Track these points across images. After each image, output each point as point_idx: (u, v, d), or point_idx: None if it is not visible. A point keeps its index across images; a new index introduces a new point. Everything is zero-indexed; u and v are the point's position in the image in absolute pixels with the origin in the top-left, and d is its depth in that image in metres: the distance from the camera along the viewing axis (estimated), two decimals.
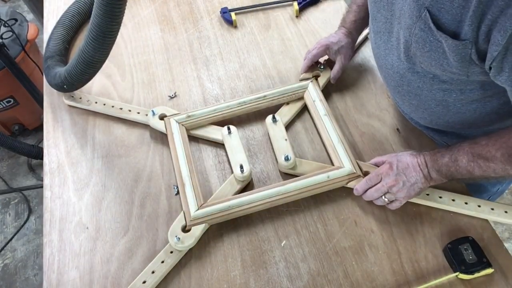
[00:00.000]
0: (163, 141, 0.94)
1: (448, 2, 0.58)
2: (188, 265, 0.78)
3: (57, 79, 0.97)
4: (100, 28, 0.79)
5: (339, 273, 0.75)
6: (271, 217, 0.82)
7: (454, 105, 0.76)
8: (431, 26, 0.62)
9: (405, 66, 0.74)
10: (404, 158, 0.76)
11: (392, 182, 0.75)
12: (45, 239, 0.83)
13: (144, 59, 1.11)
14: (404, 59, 0.73)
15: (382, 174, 0.76)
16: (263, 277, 0.76)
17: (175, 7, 1.24)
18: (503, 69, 0.57)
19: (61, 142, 0.96)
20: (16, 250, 1.75)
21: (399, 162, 0.75)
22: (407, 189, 0.75)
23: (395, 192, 0.75)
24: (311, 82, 0.98)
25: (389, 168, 0.76)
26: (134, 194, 0.87)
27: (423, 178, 0.74)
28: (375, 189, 0.77)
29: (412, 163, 0.75)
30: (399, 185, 0.75)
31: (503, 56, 0.56)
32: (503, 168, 0.67)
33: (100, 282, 0.77)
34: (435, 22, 0.61)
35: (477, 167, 0.69)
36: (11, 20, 1.73)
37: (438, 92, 0.75)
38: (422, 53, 0.67)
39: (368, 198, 0.79)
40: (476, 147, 0.69)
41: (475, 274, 0.71)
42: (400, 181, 0.74)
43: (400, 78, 0.79)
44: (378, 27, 0.77)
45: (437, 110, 0.80)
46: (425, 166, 0.74)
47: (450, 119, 0.80)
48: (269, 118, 0.93)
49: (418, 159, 0.75)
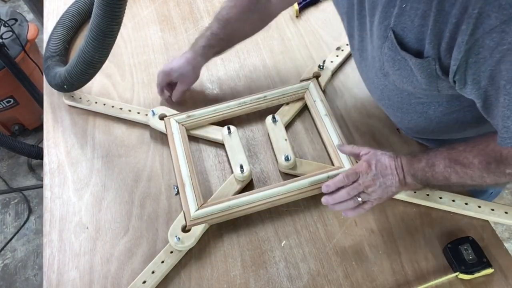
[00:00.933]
0: (163, 141, 0.94)
1: (409, 22, 0.58)
2: (188, 265, 0.78)
3: (57, 79, 0.97)
4: (100, 28, 0.79)
5: (339, 273, 0.75)
6: (271, 217, 0.82)
7: (435, 116, 0.75)
8: (396, 46, 0.62)
9: (383, 83, 0.74)
10: (383, 159, 0.73)
11: (369, 182, 0.71)
12: (45, 239, 0.83)
13: (144, 59, 1.11)
14: (380, 76, 0.73)
15: (361, 172, 0.72)
16: (263, 277, 0.76)
17: (175, 7, 1.24)
18: (466, 82, 0.58)
19: (61, 142, 0.96)
20: (16, 250, 1.75)
21: (378, 162, 0.72)
22: (382, 191, 0.72)
23: (370, 192, 0.72)
24: (312, 82, 0.98)
25: (367, 167, 0.72)
26: (134, 194, 0.87)
27: (398, 182, 0.72)
28: (352, 187, 0.73)
29: (390, 165, 0.72)
30: (375, 186, 0.71)
31: (464, 70, 0.56)
32: (480, 175, 0.66)
33: (100, 282, 0.77)
34: (400, 42, 0.62)
35: (454, 173, 0.68)
36: (11, 20, 1.73)
37: (418, 105, 0.75)
38: (393, 71, 0.68)
39: (340, 198, 0.73)
40: (454, 153, 0.68)
41: (475, 274, 0.71)
42: (377, 182, 0.71)
43: (381, 93, 0.79)
44: (355, 44, 0.76)
45: (420, 121, 0.80)
46: (401, 170, 0.72)
47: (434, 128, 0.81)
48: (269, 118, 0.93)
49: (396, 161, 0.72)
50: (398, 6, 0.58)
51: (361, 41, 0.72)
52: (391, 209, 0.81)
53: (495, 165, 0.64)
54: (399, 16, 0.59)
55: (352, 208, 0.74)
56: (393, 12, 0.60)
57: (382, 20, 0.63)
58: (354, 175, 0.73)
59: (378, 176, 0.72)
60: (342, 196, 0.73)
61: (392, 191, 0.73)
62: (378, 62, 0.70)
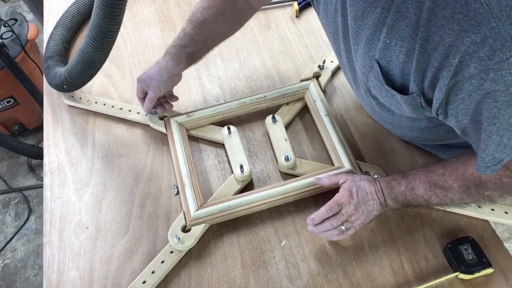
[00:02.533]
0: (163, 141, 0.94)
1: (394, 56, 0.59)
2: (188, 265, 0.78)
3: (57, 79, 0.97)
4: (100, 28, 0.79)
5: (339, 273, 0.75)
6: (271, 217, 0.82)
7: (427, 128, 0.76)
8: (381, 79, 0.63)
9: (372, 102, 0.74)
10: (363, 185, 0.73)
11: (352, 211, 0.72)
12: (45, 239, 0.83)
13: (144, 59, 1.11)
14: (369, 96, 0.73)
15: (344, 203, 0.72)
16: (263, 277, 0.76)
17: (175, 7, 1.24)
18: (448, 115, 0.60)
19: (61, 142, 0.96)
20: (16, 250, 1.75)
21: (359, 189, 0.73)
22: (364, 216, 0.73)
23: (353, 220, 0.73)
24: (312, 82, 0.98)
25: (349, 197, 0.72)
26: (134, 194, 0.87)
27: (379, 206, 0.73)
28: (335, 218, 0.73)
29: (370, 191, 0.73)
30: (358, 213, 0.72)
31: (445, 105, 0.58)
32: (460, 197, 0.68)
33: (100, 282, 0.77)
34: (385, 74, 0.62)
35: (434, 196, 0.69)
36: (11, 20, 1.73)
37: (407, 121, 0.75)
38: (380, 97, 0.69)
39: (324, 228, 0.74)
40: (433, 176, 0.69)
41: (475, 274, 0.71)
42: (359, 210, 0.72)
43: (371, 109, 0.80)
44: (343, 63, 0.76)
45: (412, 133, 0.81)
46: (381, 194, 0.73)
47: (428, 137, 0.81)
48: (269, 118, 0.93)
49: (375, 186, 0.73)
50: (383, 41, 0.59)
51: (349, 61, 0.72)
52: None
53: (475, 189, 0.66)
54: (383, 50, 0.60)
55: (336, 235, 0.75)
56: (377, 45, 0.60)
57: (367, 51, 0.63)
58: (337, 207, 0.73)
59: (360, 204, 0.72)
60: (326, 227, 0.74)
61: (374, 215, 0.74)
62: (366, 86, 0.70)
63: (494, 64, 0.49)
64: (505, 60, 0.49)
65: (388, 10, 0.56)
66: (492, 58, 0.49)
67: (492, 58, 0.49)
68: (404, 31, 0.55)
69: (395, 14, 0.55)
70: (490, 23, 0.48)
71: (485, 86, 0.51)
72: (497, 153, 0.58)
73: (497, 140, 0.56)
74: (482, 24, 0.48)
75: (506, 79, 0.50)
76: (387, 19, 0.57)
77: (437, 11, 0.51)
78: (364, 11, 0.59)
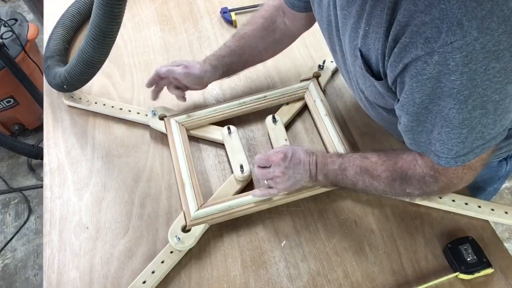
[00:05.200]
0: (163, 141, 0.94)
1: (371, 44, 0.60)
2: (188, 265, 0.78)
3: (57, 79, 0.97)
4: (100, 28, 0.79)
5: (339, 273, 0.75)
6: (271, 217, 0.82)
7: None
8: (362, 66, 0.64)
9: (362, 97, 0.75)
10: (299, 153, 0.75)
11: (279, 173, 0.74)
12: (45, 239, 0.83)
13: (144, 59, 1.11)
14: (359, 91, 0.74)
15: (273, 162, 0.75)
16: (263, 277, 0.76)
17: (175, 7, 1.24)
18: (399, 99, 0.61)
19: (61, 142, 0.96)
20: (16, 250, 1.75)
21: (293, 156, 0.74)
22: (290, 183, 0.75)
23: (278, 182, 0.75)
24: (312, 82, 0.98)
25: (282, 159, 0.74)
26: (134, 194, 0.87)
27: (309, 177, 0.75)
28: (261, 173, 0.76)
29: (304, 161, 0.74)
30: (285, 177, 0.74)
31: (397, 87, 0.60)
32: (383, 189, 0.70)
33: (100, 282, 0.77)
34: (367, 62, 0.63)
35: (361, 181, 0.71)
36: (11, 20, 1.73)
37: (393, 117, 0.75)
38: (365, 88, 0.69)
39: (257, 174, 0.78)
40: (366, 162, 0.71)
41: (475, 274, 0.71)
42: (286, 175, 0.74)
43: (365, 107, 0.80)
44: (338, 59, 0.77)
45: None
46: (314, 166, 0.74)
47: None
48: (269, 118, 0.93)
49: (310, 158, 0.75)
50: (363, 29, 0.60)
51: (343, 56, 0.73)
52: (391, 209, 0.81)
53: (399, 182, 0.68)
54: (364, 37, 0.61)
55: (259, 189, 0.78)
56: (359, 34, 0.62)
57: (352, 40, 0.64)
58: (266, 162, 0.75)
59: (289, 169, 0.74)
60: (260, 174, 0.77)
61: (301, 185, 0.76)
62: (355, 78, 0.71)
63: (439, 47, 0.50)
64: (449, 43, 0.49)
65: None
66: (437, 40, 0.49)
67: (438, 41, 0.49)
68: (379, 16, 0.56)
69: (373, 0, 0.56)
70: (440, 5, 0.49)
71: (428, 69, 0.52)
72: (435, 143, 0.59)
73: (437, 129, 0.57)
74: (432, 6, 0.49)
75: (449, 63, 0.50)
76: (366, 6, 0.58)
77: None
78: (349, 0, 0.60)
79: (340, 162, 0.73)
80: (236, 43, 0.90)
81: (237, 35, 0.91)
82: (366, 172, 0.70)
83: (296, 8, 0.84)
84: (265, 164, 0.76)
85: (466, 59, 0.49)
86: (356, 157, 0.72)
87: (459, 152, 0.58)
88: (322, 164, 0.74)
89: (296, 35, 0.94)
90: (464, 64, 0.50)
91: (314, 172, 0.74)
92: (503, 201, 1.79)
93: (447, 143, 0.58)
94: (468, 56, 0.49)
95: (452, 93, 0.52)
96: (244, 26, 0.91)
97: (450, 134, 0.57)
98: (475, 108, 0.53)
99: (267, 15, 0.89)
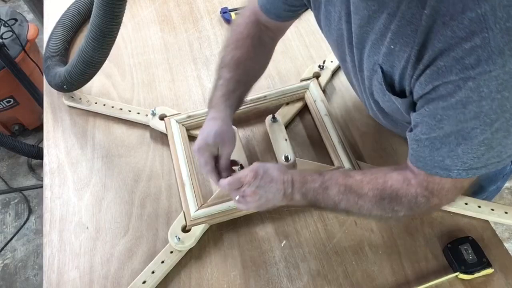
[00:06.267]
0: (163, 141, 0.94)
1: (397, 62, 0.59)
2: (188, 265, 0.78)
3: (57, 79, 0.97)
4: (100, 28, 0.79)
5: (339, 273, 0.75)
6: (271, 217, 0.82)
7: None
8: (382, 83, 0.63)
9: (374, 106, 0.74)
10: (271, 171, 0.70)
11: (250, 192, 0.69)
12: (45, 239, 0.83)
13: (144, 59, 1.11)
14: (372, 101, 0.73)
15: (244, 182, 0.69)
16: (263, 277, 0.76)
17: (175, 7, 1.24)
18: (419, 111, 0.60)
19: (61, 142, 0.96)
20: (16, 250, 1.75)
21: (265, 173, 0.69)
22: (261, 202, 0.70)
23: (249, 202, 0.70)
24: (312, 82, 0.98)
25: (252, 178, 0.69)
26: (134, 194, 0.87)
27: (282, 196, 0.70)
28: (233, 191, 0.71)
29: (277, 179, 0.69)
30: (256, 197, 0.69)
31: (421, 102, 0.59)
32: (370, 208, 0.67)
33: (100, 282, 0.77)
34: (388, 79, 0.62)
35: (345, 200, 0.67)
36: (11, 20, 1.73)
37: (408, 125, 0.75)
38: (382, 102, 0.68)
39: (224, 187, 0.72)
40: (351, 181, 0.68)
41: (475, 274, 0.71)
42: (257, 194, 0.69)
43: (374, 114, 0.79)
44: (346, 68, 0.75)
45: None
46: (290, 185, 0.70)
47: None
48: (269, 118, 0.93)
49: (284, 176, 0.70)
50: (386, 46, 0.59)
51: (354, 67, 0.71)
52: None
53: (388, 201, 0.66)
54: (387, 55, 0.60)
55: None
56: (381, 50, 0.60)
57: (371, 55, 0.63)
58: (237, 183, 0.70)
59: (261, 188, 0.69)
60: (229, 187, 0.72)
61: (274, 204, 0.71)
62: (369, 90, 0.70)
63: (476, 74, 0.49)
64: (487, 72, 0.49)
65: (393, 16, 0.56)
66: (476, 67, 0.49)
67: (476, 68, 0.49)
68: (410, 37, 0.55)
69: (401, 19, 0.55)
70: (483, 33, 0.48)
71: (459, 93, 0.51)
72: (448, 158, 0.58)
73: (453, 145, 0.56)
74: (474, 33, 0.48)
75: (482, 90, 0.50)
76: (392, 25, 0.57)
77: (436, 18, 0.51)
78: (370, 18, 0.59)
79: (322, 180, 0.69)
80: (237, 71, 0.80)
81: (230, 64, 0.80)
82: (350, 190, 0.67)
83: (282, 19, 0.81)
84: (237, 186, 0.71)
85: (500, 87, 0.49)
86: (338, 175, 0.69)
87: (472, 166, 0.58)
88: (300, 182, 0.70)
89: (276, 42, 0.90)
90: (497, 91, 0.50)
91: (290, 191, 0.70)
92: (503, 201, 1.78)
93: (462, 157, 0.57)
94: (504, 84, 0.49)
95: (479, 116, 0.52)
96: (232, 52, 0.81)
97: (467, 150, 0.56)
98: (499, 131, 0.54)
99: (252, 33, 0.82)
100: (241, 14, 0.85)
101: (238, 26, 0.84)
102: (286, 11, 0.80)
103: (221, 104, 0.77)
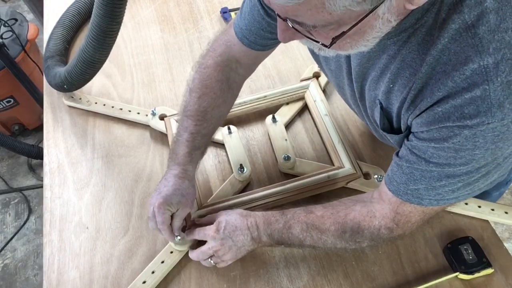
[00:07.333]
0: (163, 141, 0.94)
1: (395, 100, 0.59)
2: (188, 265, 0.78)
3: (57, 79, 0.97)
4: (100, 28, 0.79)
5: (339, 273, 0.75)
6: None
7: None
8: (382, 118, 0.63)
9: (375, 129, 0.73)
10: (233, 219, 0.71)
11: (217, 246, 0.70)
12: (45, 239, 0.83)
13: (144, 59, 1.11)
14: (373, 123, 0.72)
15: (208, 237, 0.71)
16: (263, 277, 0.76)
17: (175, 7, 1.24)
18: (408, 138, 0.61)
19: (61, 142, 0.96)
20: (16, 250, 1.75)
21: (227, 224, 0.70)
22: (234, 252, 0.71)
23: (221, 255, 0.71)
24: (312, 82, 0.98)
25: (215, 231, 0.70)
26: (134, 194, 0.87)
27: (251, 241, 0.71)
28: (201, 251, 0.73)
29: (241, 226, 0.70)
30: (225, 249, 0.70)
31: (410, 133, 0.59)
32: (334, 241, 0.68)
33: (100, 282, 0.77)
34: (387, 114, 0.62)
35: (309, 237, 0.68)
36: (11, 20, 1.73)
37: None
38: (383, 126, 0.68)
39: (195, 259, 0.75)
40: (312, 217, 0.69)
41: (475, 274, 0.71)
42: (226, 245, 0.70)
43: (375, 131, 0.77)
44: (344, 94, 0.75)
45: None
46: (255, 229, 0.71)
47: None
48: (269, 118, 0.93)
49: (248, 221, 0.71)
50: (385, 85, 0.59)
51: (354, 95, 0.70)
52: None
53: (350, 234, 0.66)
54: (386, 93, 0.60)
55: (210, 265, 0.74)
56: (381, 87, 0.60)
57: (372, 88, 0.63)
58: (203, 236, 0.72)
59: (227, 239, 0.70)
60: (195, 258, 0.74)
61: (246, 250, 0.72)
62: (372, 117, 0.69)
63: (474, 124, 0.49)
64: (485, 124, 0.49)
65: (394, 58, 0.55)
66: (474, 118, 0.49)
67: (474, 118, 0.49)
68: (408, 80, 0.55)
69: (400, 62, 0.55)
70: (483, 85, 0.47)
71: (453, 139, 0.51)
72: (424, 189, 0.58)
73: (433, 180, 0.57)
74: (475, 85, 0.48)
75: (477, 140, 0.50)
76: (392, 65, 0.56)
77: (436, 66, 0.51)
78: (370, 58, 0.59)
79: (285, 220, 0.70)
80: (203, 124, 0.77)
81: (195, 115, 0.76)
82: (313, 227, 0.68)
83: (268, 47, 0.76)
84: (203, 237, 0.72)
85: (496, 138, 0.50)
86: (300, 212, 0.70)
87: (445, 197, 0.59)
88: (264, 224, 0.71)
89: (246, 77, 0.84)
90: (493, 142, 0.50)
91: (256, 234, 0.70)
92: (503, 201, 1.78)
93: (438, 189, 0.58)
94: (499, 136, 0.49)
95: (470, 162, 0.53)
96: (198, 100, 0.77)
97: (445, 184, 0.57)
98: (482, 173, 0.55)
99: (220, 76, 0.77)
100: (211, 51, 0.78)
101: (206, 67, 0.77)
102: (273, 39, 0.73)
103: (187, 163, 0.75)
